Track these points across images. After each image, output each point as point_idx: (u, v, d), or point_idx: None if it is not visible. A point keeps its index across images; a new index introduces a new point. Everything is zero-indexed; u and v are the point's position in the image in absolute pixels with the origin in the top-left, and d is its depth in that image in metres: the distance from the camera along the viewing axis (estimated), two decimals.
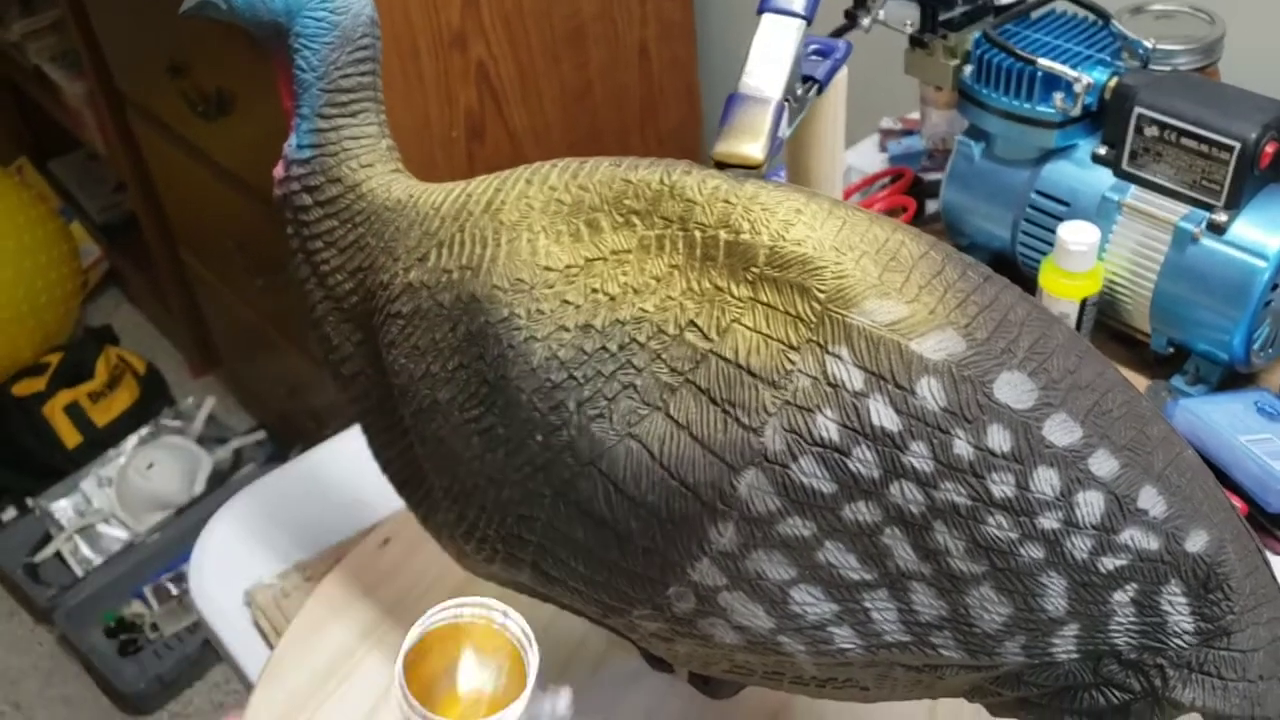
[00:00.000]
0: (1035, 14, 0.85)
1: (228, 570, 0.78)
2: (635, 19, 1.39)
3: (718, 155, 0.51)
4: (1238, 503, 0.70)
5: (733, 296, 0.46)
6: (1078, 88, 0.78)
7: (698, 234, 0.47)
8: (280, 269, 1.61)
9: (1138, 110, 0.76)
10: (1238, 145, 0.72)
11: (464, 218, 0.53)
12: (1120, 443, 0.44)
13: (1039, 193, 0.82)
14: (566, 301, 0.48)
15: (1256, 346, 0.76)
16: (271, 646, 0.72)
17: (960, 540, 0.44)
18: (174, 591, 1.73)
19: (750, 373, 0.45)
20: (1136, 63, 0.81)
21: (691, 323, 0.46)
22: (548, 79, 1.35)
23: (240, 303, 1.84)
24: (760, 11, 0.53)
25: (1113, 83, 0.78)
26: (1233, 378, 0.79)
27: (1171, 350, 0.80)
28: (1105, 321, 0.83)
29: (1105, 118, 0.79)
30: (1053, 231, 0.81)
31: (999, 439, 0.44)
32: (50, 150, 2.50)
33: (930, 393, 0.44)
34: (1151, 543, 0.44)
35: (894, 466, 0.44)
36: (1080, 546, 0.44)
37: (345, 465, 0.85)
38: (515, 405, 0.50)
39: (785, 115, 0.53)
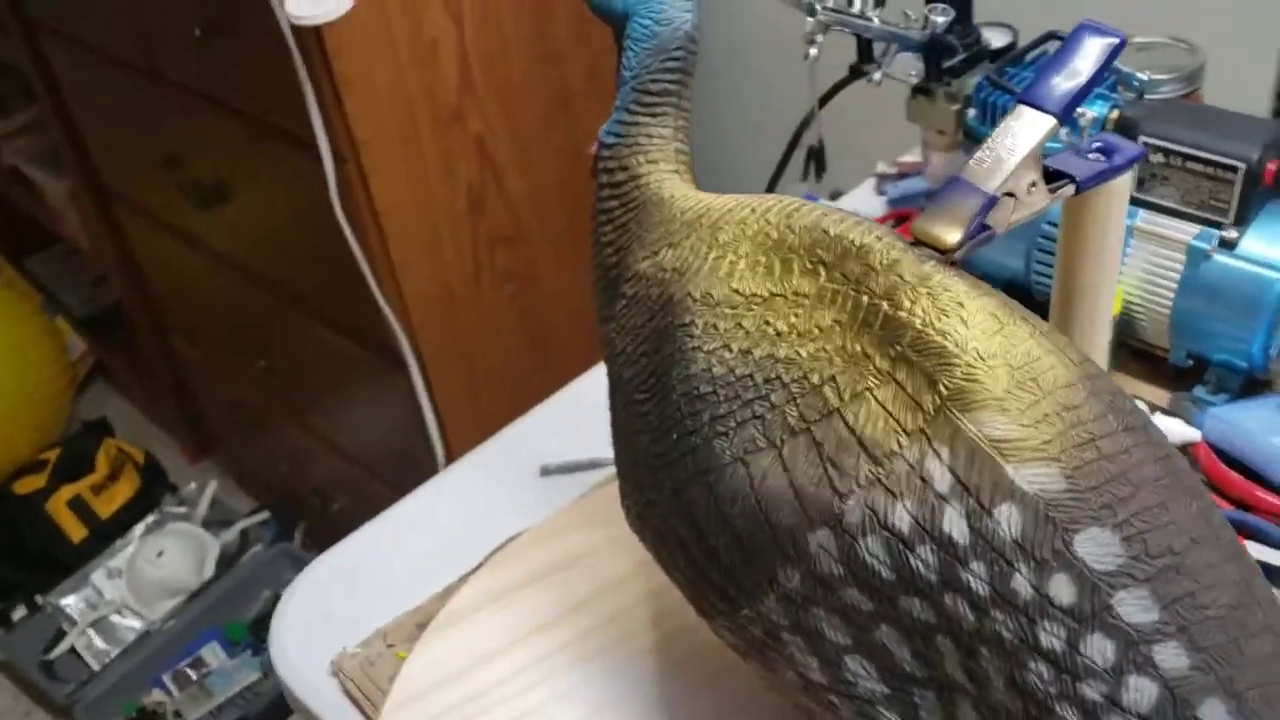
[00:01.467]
0: (1030, 56, 0.90)
1: (307, 644, 0.79)
2: None
3: (915, 231, 0.51)
4: (1276, 500, 0.74)
5: (874, 366, 0.47)
6: (1083, 122, 0.82)
7: (865, 299, 0.49)
8: (280, 347, 1.64)
9: (1143, 139, 0.81)
10: (1243, 165, 0.76)
11: (693, 227, 0.57)
12: (1202, 643, 0.42)
13: (1050, 223, 0.87)
14: (740, 325, 0.51)
15: (1274, 353, 0.81)
16: (366, 715, 0.73)
17: (1000, 674, 0.44)
18: (194, 677, 1.73)
19: (861, 442, 0.46)
20: (1132, 94, 0.86)
21: (833, 378, 0.48)
22: (541, 146, 1.39)
23: (238, 384, 1.86)
24: (1017, 100, 0.52)
25: (1114, 115, 0.83)
26: (1251, 384, 0.83)
27: (1191, 363, 0.85)
28: (1125, 340, 0.87)
29: None
30: None
31: (1062, 590, 0.43)
32: (26, 248, 2.51)
33: (1008, 521, 0.43)
34: None
35: (951, 578, 0.44)
36: None
37: (410, 531, 0.87)
38: (667, 401, 0.54)
39: (1007, 209, 0.52)
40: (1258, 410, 0.78)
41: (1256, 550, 0.72)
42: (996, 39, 0.92)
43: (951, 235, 0.50)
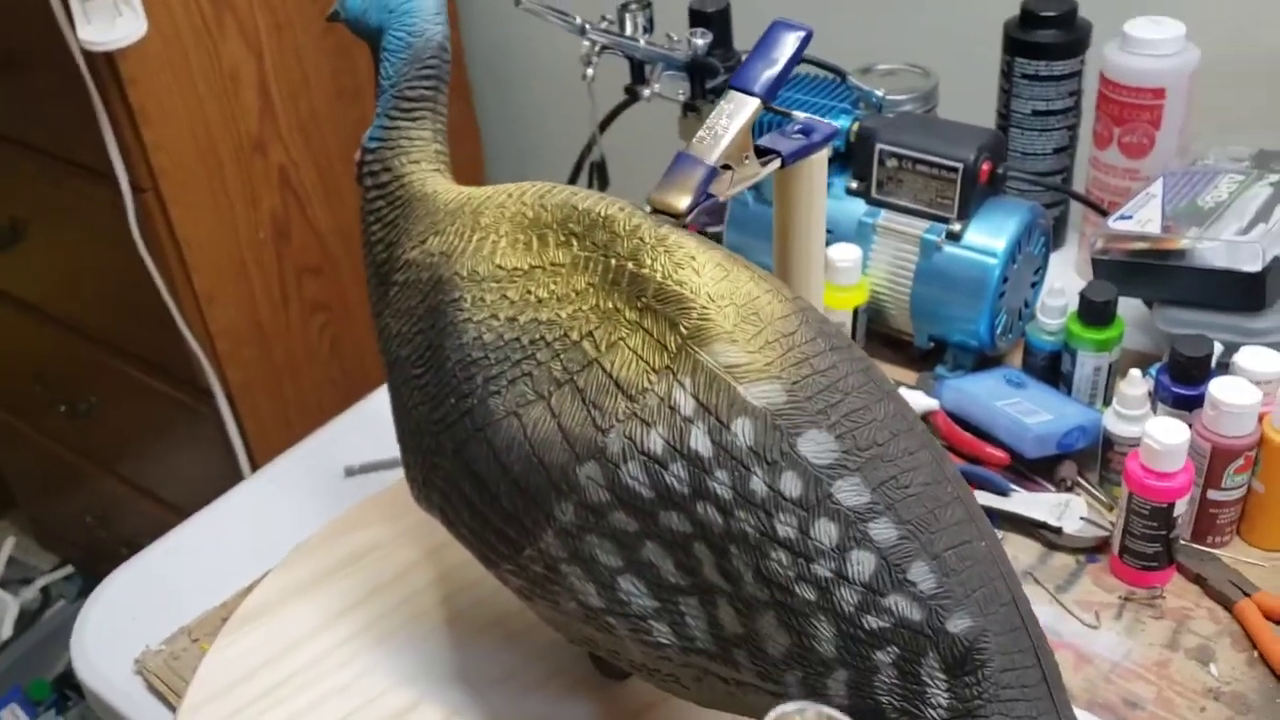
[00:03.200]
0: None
1: (111, 646, 0.80)
2: None
3: (651, 200, 0.59)
4: (1001, 454, 0.84)
5: (624, 319, 0.54)
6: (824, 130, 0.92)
7: (613, 261, 0.56)
8: (86, 392, 1.60)
9: (879, 147, 0.91)
10: (961, 165, 0.87)
11: (456, 215, 0.63)
12: (905, 517, 0.50)
13: None
14: (505, 297, 0.58)
15: (999, 332, 0.92)
16: (172, 706, 0.75)
17: (749, 568, 0.51)
18: None
19: (618, 384, 0.53)
20: (872, 110, 0.97)
21: (590, 334, 0.55)
22: (347, 178, 1.42)
23: (39, 436, 1.80)
24: (728, 86, 0.61)
25: (855, 126, 0.94)
26: (984, 361, 0.94)
27: (932, 345, 0.95)
28: (875, 328, 0.97)
29: (853, 157, 0.94)
30: None
31: (791, 485, 0.50)
32: None
33: (742, 431, 0.50)
34: (914, 613, 0.49)
35: (700, 487, 0.51)
36: (848, 599, 0.49)
37: (214, 536, 0.89)
38: (443, 370, 0.59)
39: (727, 179, 0.60)
40: (986, 380, 0.89)
41: (984, 498, 0.81)
42: None
43: (682, 201, 0.59)
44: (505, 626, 0.76)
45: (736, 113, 0.60)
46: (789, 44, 0.61)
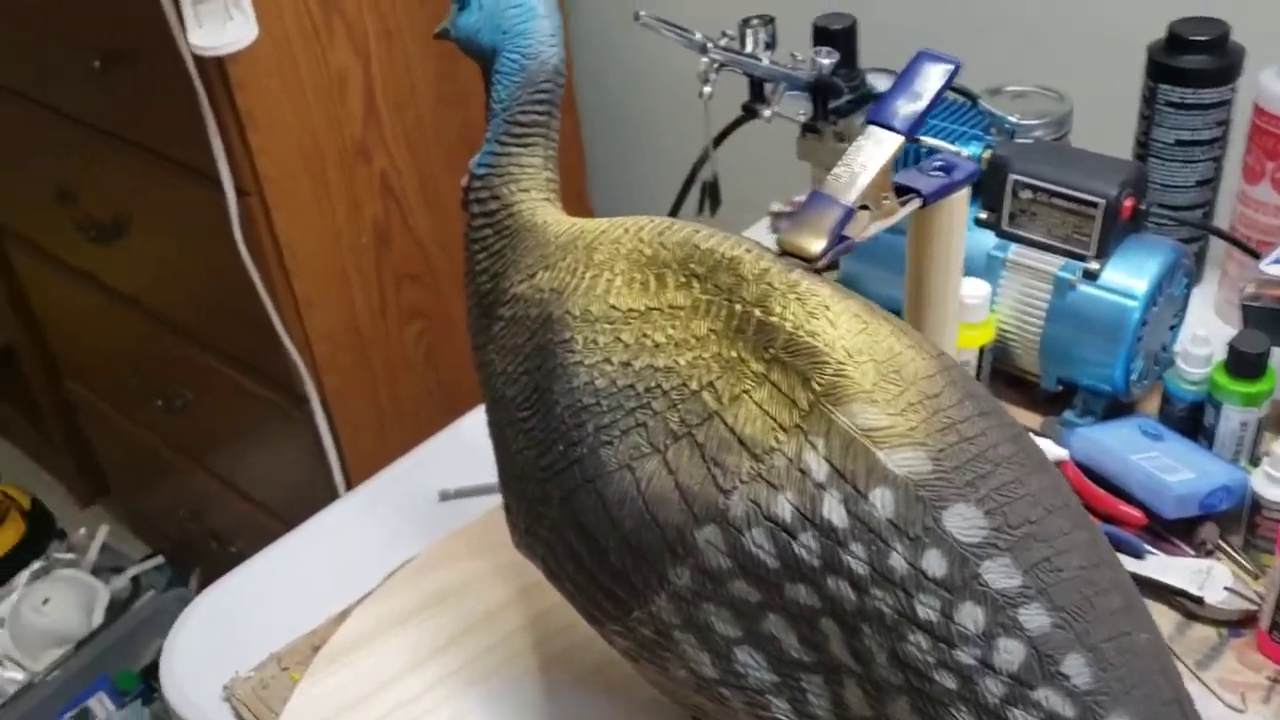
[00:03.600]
0: None
1: (201, 669, 0.79)
2: None
3: (781, 242, 0.55)
4: (1137, 513, 0.78)
5: (750, 370, 0.50)
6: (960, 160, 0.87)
7: (738, 307, 0.52)
8: (180, 387, 1.61)
9: (1013, 177, 0.86)
10: (1102, 201, 0.82)
11: (568, 249, 0.59)
12: (1059, 603, 0.46)
13: None
14: (619, 339, 0.54)
15: (1134, 378, 0.86)
16: None
17: (883, 649, 0.47)
18: None
19: (741, 441, 0.49)
20: (1004, 136, 0.91)
21: (711, 384, 0.51)
22: (448, 186, 1.41)
23: (135, 427, 1.82)
24: (867, 121, 0.57)
25: (987, 154, 0.88)
26: (1116, 407, 0.88)
27: (1060, 388, 0.89)
28: (1000, 367, 0.92)
29: (984, 186, 0.89)
30: None
31: (934, 563, 0.46)
32: None
33: (882, 502, 0.46)
34: (1068, 710, 0.45)
35: (832, 561, 0.47)
36: (993, 690, 0.45)
37: (305, 558, 0.87)
38: (551, 415, 0.56)
39: (863, 220, 0.56)
40: (1120, 430, 0.83)
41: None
42: (880, 83, 0.97)
43: (815, 245, 0.54)
44: (604, 676, 0.73)
45: (876, 150, 0.56)
46: (934, 77, 0.57)
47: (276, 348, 1.32)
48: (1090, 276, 0.84)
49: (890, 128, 0.57)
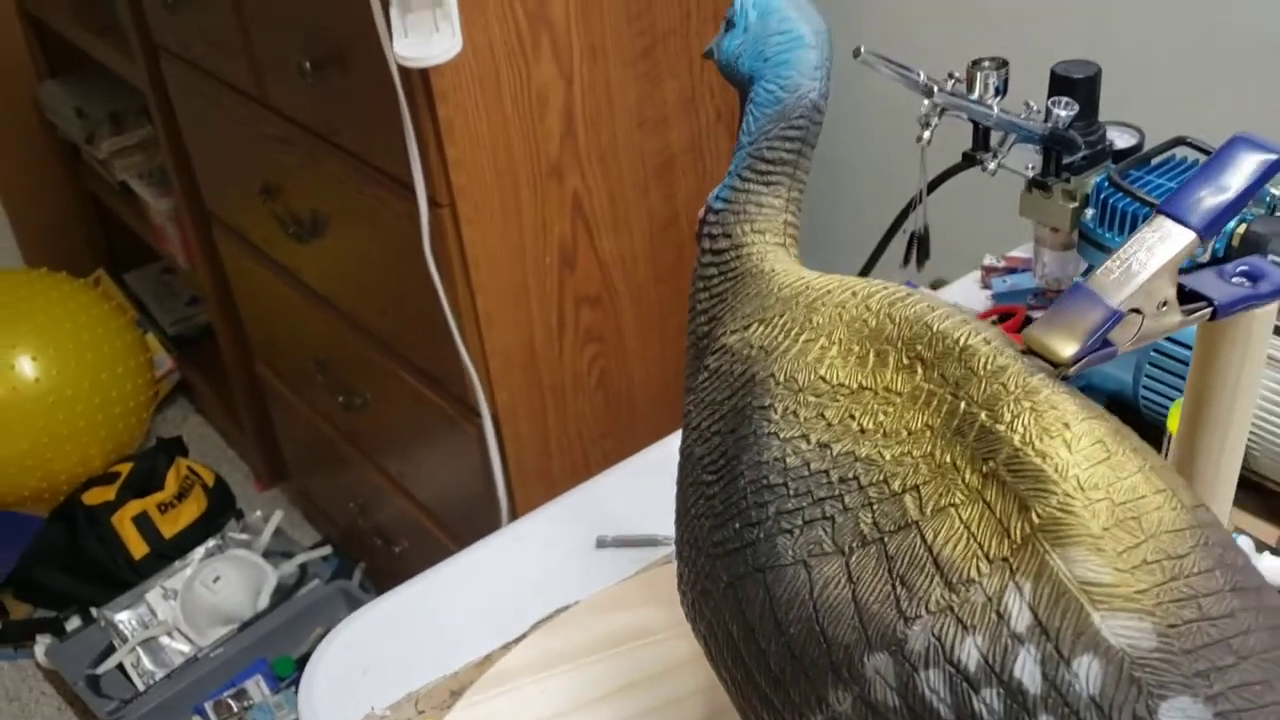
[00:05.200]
0: (1156, 159, 0.86)
1: (338, 701, 0.76)
2: (723, 151, 1.42)
3: (1028, 339, 0.47)
4: None
5: (963, 481, 0.43)
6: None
7: (963, 405, 0.45)
8: (361, 386, 1.63)
9: (1271, 257, 0.75)
10: None
11: (788, 305, 0.54)
12: None
13: (1166, 337, 0.82)
14: (822, 416, 0.48)
15: None
16: None
17: None
18: (235, 708, 1.71)
19: (937, 563, 0.42)
20: (1261, 209, 0.81)
21: (916, 488, 0.44)
22: (637, 210, 1.37)
23: (316, 417, 1.86)
24: (1157, 211, 0.48)
25: (1241, 229, 0.78)
26: None
27: None
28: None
29: None
30: (1179, 376, 0.80)
31: None
32: (126, 262, 2.57)
33: (1086, 674, 0.39)
34: None
35: None
36: None
37: (453, 594, 0.84)
38: (733, 487, 0.50)
39: (1133, 326, 0.47)
40: None
41: None
42: (1121, 139, 0.88)
43: (1067, 348, 0.45)
44: None
45: (1161, 246, 0.46)
46: (1248, 169, 0.47)
47: (454, 359, 1.31)
48: None
49: (1184, 222, 0.47)
